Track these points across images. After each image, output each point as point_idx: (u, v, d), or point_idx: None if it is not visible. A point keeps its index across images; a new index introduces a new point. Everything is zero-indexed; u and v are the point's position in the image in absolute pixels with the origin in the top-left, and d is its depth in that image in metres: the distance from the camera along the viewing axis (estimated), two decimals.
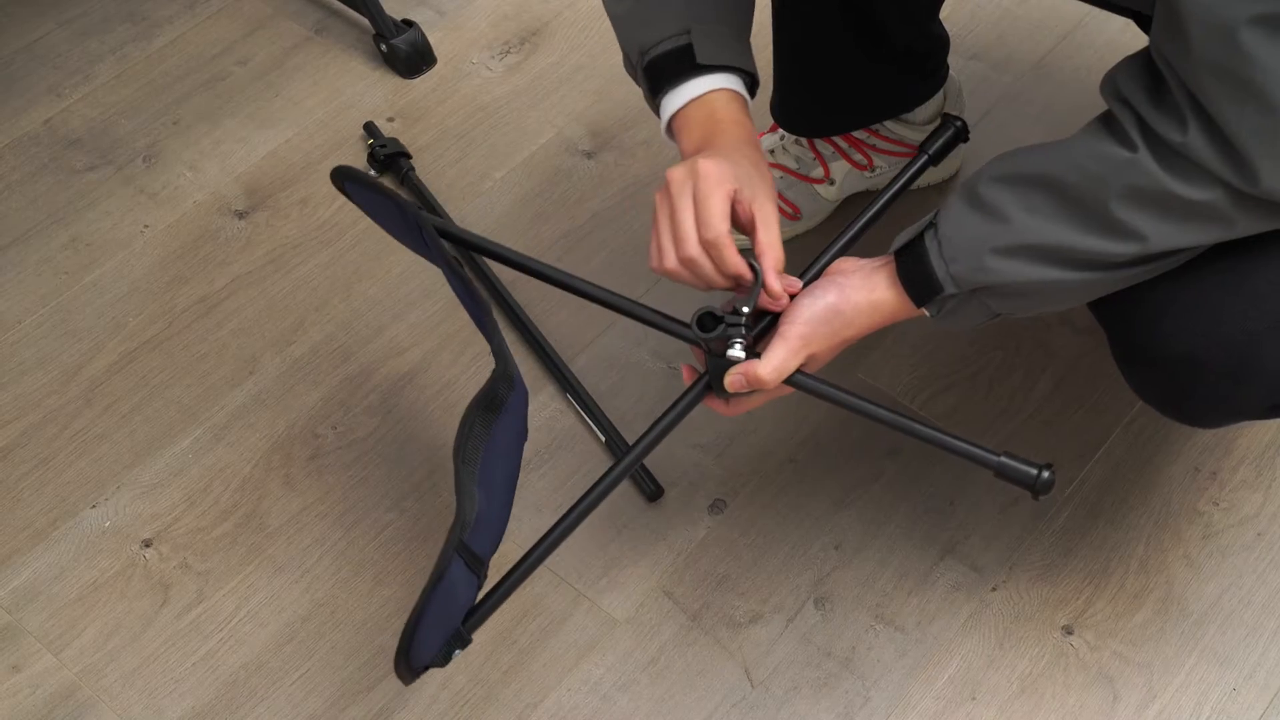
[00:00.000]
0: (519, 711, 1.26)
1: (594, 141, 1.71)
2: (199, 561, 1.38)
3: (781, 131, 1.55)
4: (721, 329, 1.04)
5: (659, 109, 1.11)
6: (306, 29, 1.89)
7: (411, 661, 1.00)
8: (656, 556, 1.35)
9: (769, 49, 1.42)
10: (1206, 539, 1.32)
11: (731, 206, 1.03)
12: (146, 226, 1.67)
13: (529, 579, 1.12)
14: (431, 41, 1.82)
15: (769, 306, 1.06)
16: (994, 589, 1.30)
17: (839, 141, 1.53)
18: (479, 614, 1.10)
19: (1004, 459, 1.05)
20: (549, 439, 1.43)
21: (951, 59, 1.50)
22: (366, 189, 1.19)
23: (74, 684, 1.30)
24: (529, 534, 1.33)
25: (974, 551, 1.33)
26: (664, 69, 1.09)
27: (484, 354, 1.50)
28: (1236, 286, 0.97)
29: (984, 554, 1.32)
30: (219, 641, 1.32)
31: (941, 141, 1.21)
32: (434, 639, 1.03)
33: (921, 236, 1.01)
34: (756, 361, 1.04)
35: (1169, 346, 1.00)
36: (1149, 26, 0.90)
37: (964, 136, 1.22)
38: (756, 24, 1.16)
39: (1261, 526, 1.32)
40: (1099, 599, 1.29)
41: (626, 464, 1.14)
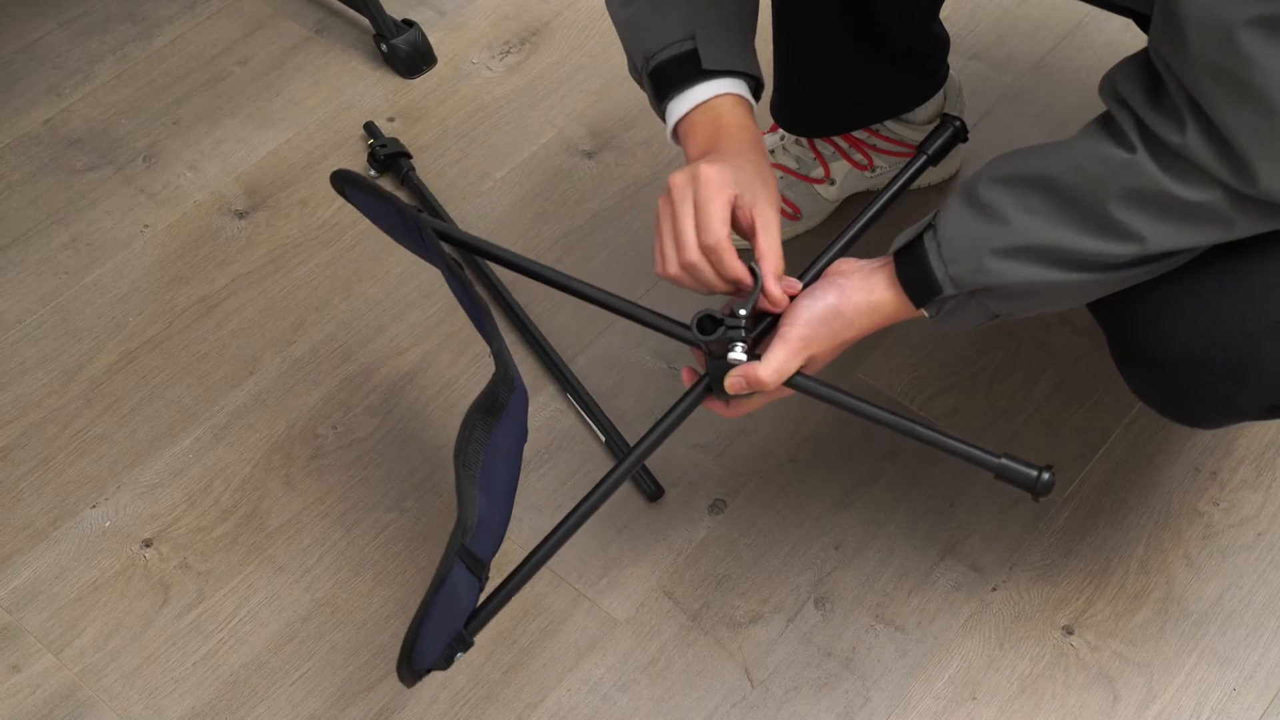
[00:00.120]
0: (519, 711, 1.26)
1: (594, 141, 1.71)
2: (199, 561, 1.38)
3: (782, 131, 1.55)
4: (721, 331, 1.04)
5: (664, 114, 1.11)
6: (307, 29, 1.89)
7: (414, 665, 1.00)
8: (657, 556, 1.35)
9: (769, 49, 1.42)
10: (1207, 539, 1.32)
11: (733, 211, 1.03)
12: (147, 226, 1.67)
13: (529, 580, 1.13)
14: (432, 41, 1.82)
15: (769, 309, 1.06)
16: (994, 589, 1.30)
17: (839, 141, 1.53)
18: (481, 617, 1.10)
19: (1004, 461, 1.05)
20: (549, 439, 1.43)
21: (951, 59, 1.50)
22: (366, 192, 1.19)
23: (74, 684, 1.30)
24: (529, 533, 1.33)
25: (974, 551, 1.33)
26: (669, 74, 1.09)
27: (484, 354, 1.50)
28: (1235, 287, 0.97)
29: (984, 554, 1.32)
30: (219, 641, 1.32)
31: (940, 141, 1.21)
32: (436, 642, 1.03)
33: (921, 237, 1.01)
34: (757, 364, 1.04)
35: (1168, 347, 1.00)
36: (1149, 26, 0.90)
37: (963, 136, 1.22)
38: (757, 25, 1.16)
39: (1261, 526, 1.32)
40: (1099, 599, 1.29)
41: (626, 467, 1.14)
